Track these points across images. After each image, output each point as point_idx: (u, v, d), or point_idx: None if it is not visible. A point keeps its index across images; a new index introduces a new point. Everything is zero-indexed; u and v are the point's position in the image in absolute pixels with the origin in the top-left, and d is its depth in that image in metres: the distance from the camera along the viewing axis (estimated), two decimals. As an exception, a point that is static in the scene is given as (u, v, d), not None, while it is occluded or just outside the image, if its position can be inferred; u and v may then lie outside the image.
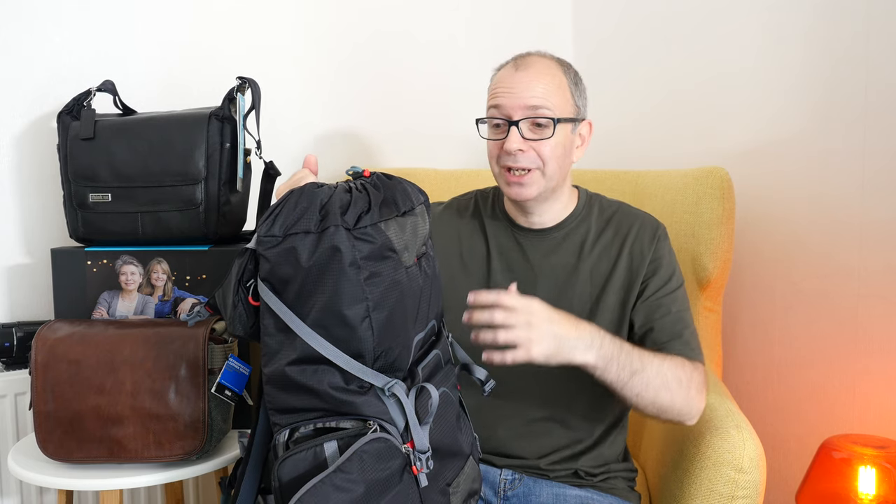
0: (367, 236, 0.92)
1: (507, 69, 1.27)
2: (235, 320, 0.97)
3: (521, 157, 1.23)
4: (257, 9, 1.87)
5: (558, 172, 1.26)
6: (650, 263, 1.27)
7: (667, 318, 1.24)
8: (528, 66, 1.25)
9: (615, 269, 1.27)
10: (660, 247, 1.29)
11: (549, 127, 1.23)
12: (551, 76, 1.25)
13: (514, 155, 1.23)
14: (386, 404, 0.94)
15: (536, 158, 1.23)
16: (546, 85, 1.24)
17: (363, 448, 0.90)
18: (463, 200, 1.42)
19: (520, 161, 1.23)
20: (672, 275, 1.28)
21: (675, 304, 1.26)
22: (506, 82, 1.25)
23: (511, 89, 1.23)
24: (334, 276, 0.90)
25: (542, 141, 1.23)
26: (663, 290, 1.26)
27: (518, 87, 1.23)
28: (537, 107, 1.22)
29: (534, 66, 1.25)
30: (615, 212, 1.33)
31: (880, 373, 1.58)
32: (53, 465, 1.29)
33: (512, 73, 1.25)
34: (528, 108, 1.22)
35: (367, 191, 0.96)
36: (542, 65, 1.26)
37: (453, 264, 1.32)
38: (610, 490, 1.27)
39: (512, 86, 1.24)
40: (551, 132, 1.23)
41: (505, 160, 1.25)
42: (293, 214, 0.92)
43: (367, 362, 0.93)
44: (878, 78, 1.55)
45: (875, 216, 1.57)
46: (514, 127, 1.23)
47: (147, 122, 1.44)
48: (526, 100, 1.22)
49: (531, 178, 1.24)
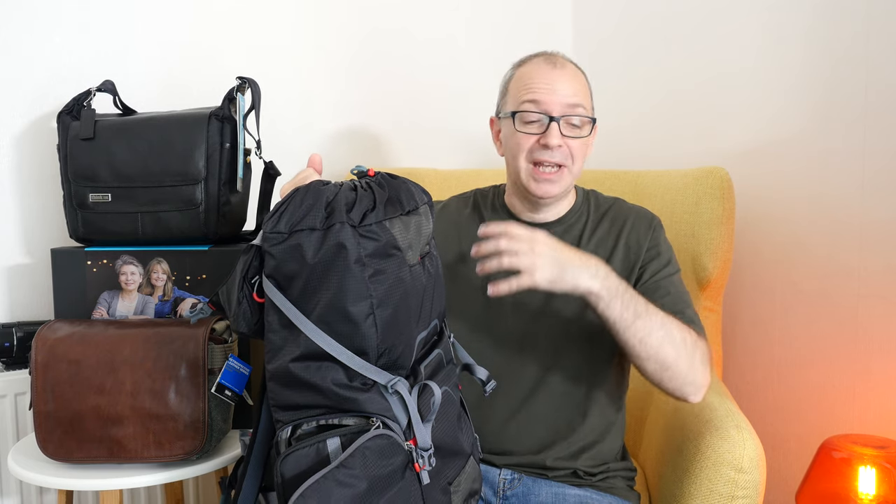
0: (372, 234, 0.92)
1: (540, 65, 1.28)
2: (239, 317, 0.97)
3: (557, 152, 1.25)
4: (257, 9, 1.87)
5: (579, 171, 1.29)
6: (647, 251, 1.29)
7: (668, 298, 1.25)
8: (563, 66, 1.28)
9: (611, 261, 1.28)
10: (656, 235, 1.30)
11: (584, 126, 1.27)
12: (581, 79, 1.30)
13: (553, 150, 1.24)
14: (389, 401, 0.94)
15: (569, 155, 1.26)
16: (580, 85, 1.28)
17: (366, 444, 0.90)
18: (462, 199, 1.43)
19: (556, 157, 1.25)
20: (669, 261, 1.29)
21: (673, 286, 1.27)
22: (543, 78, 1.26)
23: (550, 85, 1.25)
24: (339, 272, 0.91)
25: (577, 139, 1.26)
26: (662, 273, 1.27)
27: (558, 85, 1.25)
28: (577, 105, 1.25)
29: (568, 67, 1.29)
30: (611, 206, 1.35)
31: (880, 373, 1.58)
32: (53, 465, 1.29)
33: (549, 70, 1.27)
34: (569, 105, 1.25)
35: (372, 189, 0.96)
36: (573, 67, 1.31)
37: (453, 263, 1.33)
38: (609, 490, 1.27)
39: (550, 82, 1.26)
40: (588, 131, 1.27)
41: (540, 154, 1.25)
42: (299, 211, 0.92)
43: (370, 359, 0.93)
44: (878, 78, 1.55)
45: (875, 216, 1.57)
46: (555, 122, 1.24)
47: (147, 122, 1.44)
48: (566, 97, 1.25)
49: (560, 175, 1.26)
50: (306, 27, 1.94)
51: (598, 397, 1.28)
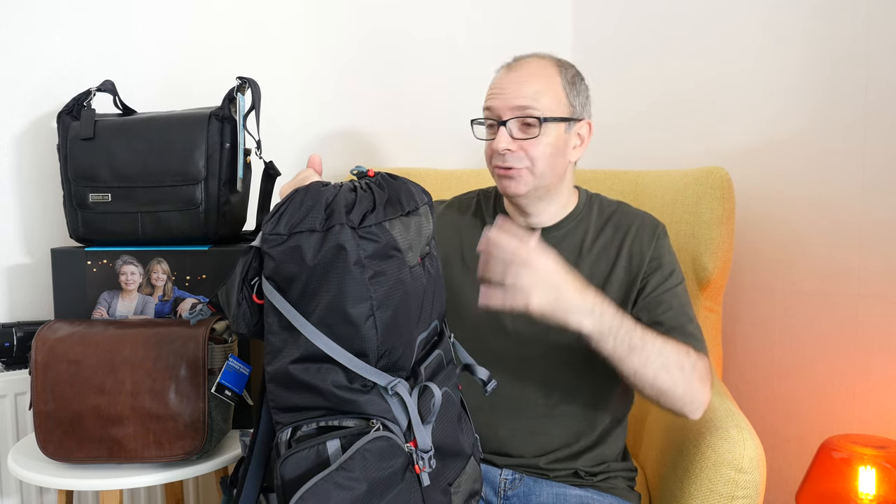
0: (371, 235, 0.92)
1: (502, 71, 1.30)
2: (239, 318, 0.97)
3: (509, 156, 1.24)
4: (257, 9, 1.87)
5: (550, 172, 1.26)
6: (650, 261, 1.27)
7: (669, 313, 1.24)
8: (520, 67, 1.27)
9: (614, 269, 1.27)
10: (659, 244, 1.29)
11: (536, 126, 1.24)
12: (543, 76, 1.26)
13: (503, 154, 1.24)
14: (389, 403, 0.94)
15: (524, 158, 1.24)
16: (535, 85, 1.25)
17: (366, 446, 0.89)
18: (465, 199, 1.42)
19: (508, 160, 1.24)
20: (673, 271, 1.28)
21: (676, 299, 1.26)
22: (498, 83, 1.27)
23: (502, 90, 1.25)
24: (339, 274, 0.90)
25: (530, 140, 1.24)
26: (664, 285, 1.26)
27: (508, 88, 1.25)
28: (525, 107, 1.23)
29: (526, 67, 1.27)
30: (614, 211, 1.33)
31: (880, 373, 1.58)
32: (53, 465, 1.29)
33: (504, 75, 1.28)
34: (515, 108, 1.24)
35: (371, 190, 0.96)
36: (536, 65, 1.27)
37: (454, 263, 1.33)
38: (610, 490, 1.27)
39: (503, 87, 1.26)
40: (538, 132, 1.24)
41: (496, 160, 1.26)
42: (298, 213, 0.92)
43: (370, 361, 0.93)
44: (878, 78, 1.55)
45: (875, 216, 1.57)
46: (503, 126, 1.24)
47: (147, 122, 1.44)
48: (514, 100, 1.24)
49: (520, 174, 1.25)
50: (306, 27, 1.94)
51: (601, 400, 1.28)
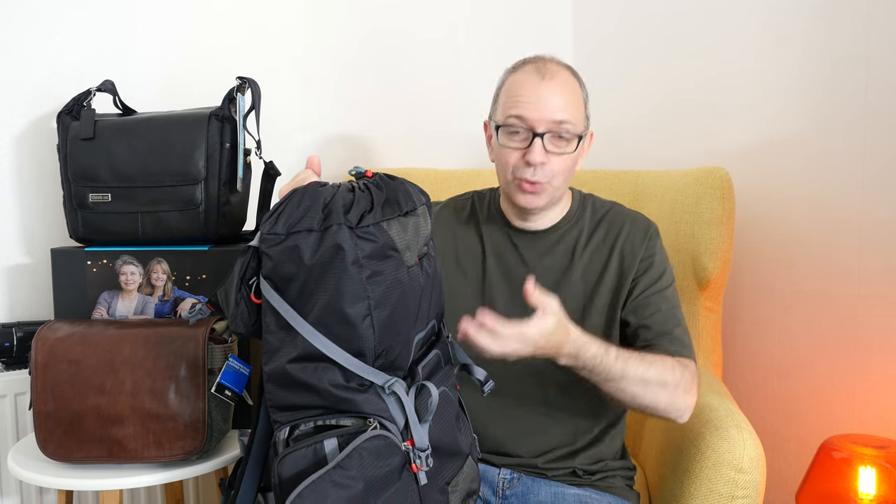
0: (369, 235, 0.92)
1: (530, 75, 1.24)
2: (237, 318, 0.98)
3: (539, 170, 1.22)
4: (257, 9, 1.87)
5: (563, 185, 1.27)
6: (641, 262, 1.27)
7: (657, 316, 1.24)
8: (552, 77, 1.23)
9: (606, 270, 1.27)
10: (651, 245, 1.29)
11: (571, 142, 1.23)
12: (573, 90, 1.25)
13: (535, 167, 1.22)
14: (386, 402, 0.94)
15: (551, 173, 1.23)
16: (569, 99, 1.23)
17: (363, 445, 0.90)
18: (460, 201, 1.42)
19: (537, 175, 1.22)
20: (663, 273, 1.28)
21: (665, 301, 1.26)
22: (531, 91, 1.22)
23: (537, 100, 1.21)
24: (336, 274, 0.91)
25: (559, 155, 1.23)
26: (653, 287, 1.26)
27: (544, 99, 1.21)
28: (563, 121, 1.21)
29: (558, 77, 1.24)
30: (607, 212, 1.33)
31: (880, 373, 1.58)
32: (53, 465, 1.29)
33: (537, 83, 1.23)
34: (553, 121, 1.21)
35: (369, 190, 0.96)
36: (564, 76, 1.25)
37: (449, 265, 1.32)
38: (608, 489, 1.27)
39: (538, 95, 1.21)
40: (574, 147, 1.23)
41: (522, 172, 1.23)
42: (296, 213, 0.92)
43: (367, 360, 0.93)
44: (878, 78, 1.55)
45: (875, 216, 1.57)
46: (538, 138, 1.21)
47: (147, 122, 1.44)
48: (552, 113, 1.21)
49: (544, 188, 1.24)
50: (306, 27, 1.94)
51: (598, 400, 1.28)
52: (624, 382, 1.15)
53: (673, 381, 1.17)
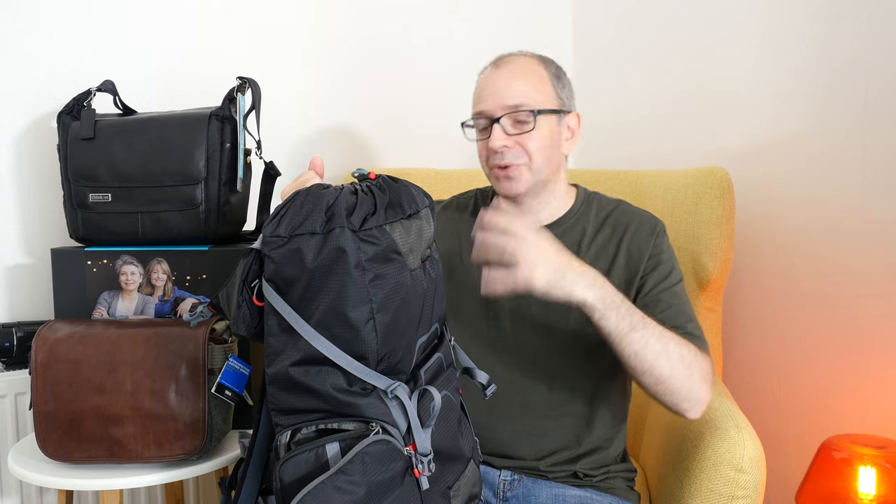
0: (372, 238, 0.92)
1: (488, 71, 1.30)
2: (239, 320, 0.97)
3: (507, 153, 1.24)
4: (258, 9, 1.87)
5: (546, 165, 1.27)
6: (649, 259, 1.27)
7: (668, 312, 1.23)
8: (506, 65, 1.28)
9: (613, 267, 1.27)
10: (658, 242, 1.28)
11: (530, 121, 1.24)
12: (530, 70, 1.27)
13: (501, 152, 1.24)
14: (388, 406, 0.94)
15: (522, 153, 1.25)
16: (524, 80, 1.26)
17: (365, 450, 0.89)
18: (463, 199, 1.42)
19: (506, 157, 1.24)
20: (671, 270, 1.27)
21: (675, 298, 1.25)
22: (486, 84, 1.28)
23: (493, 89, 1.26)
24: (339, 277, 0.90)
25: (525, 135, 1.24)
26: (663, 284, 1.25)
27: (497, 86, 1.26)
28: (517, 105, 1.24)
29: (512, 64, 1.28)
30: (613, 209, 1.33)
31: (880, 373, 1.58)
32: (53, 465, 1.29)
33: (491, 73, 1.28)
34: (508, 105, 1.24)
35: (372, 193, 0.96)
36: (521, 61, 1.28)
37: (453, 262, 1.32)
38: (609, 490, 1.27)
39: (492, 85, 1.26)
40: (532, 125, 1.24)
41: (493, 159, 1.26)
42: (299, 215, 0.91)
43: (370, 364, 0.93)
44: (878, 78, 1.55)
45: (875, 216, 1.57)
46: (497, 124, 1.24)
47: (147, 122, 1.44)
48: (506, 98, 1.24)
49: (518, 171, 1.25)
50: (307, 27, 1.94)
51: (601, 410, 1.28)
52: (647, 334, 1.11)
53: (690, 358, 1.15)
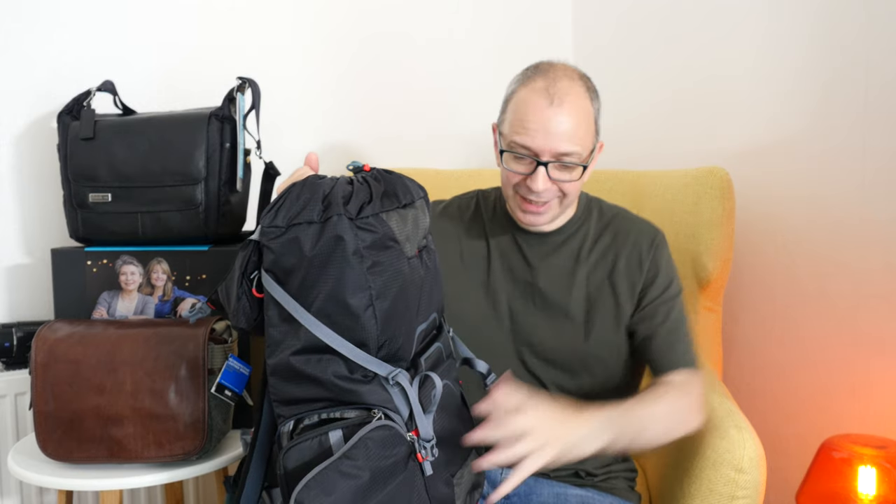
0: (369, 226, 0.93)
1: (538, 97, 1.18)
2: (239, 312, 0.98)
3: (543, 194, 1.21)
4: (258, 9, 1.87)
5: (571, 202, 1.27)
6: (648, 271, 1.27)
7: (665, 326, 1.24)
8: (561, 102, 1.17)
9: (612, 275, 1.27)
10: (658, 254, 1.28)
11: (576, 170, 1.20)
12: (582, 111, 1.19)
13: (538, 193, 1.20)
14: (390, 393, 0.94)
15: (557, 192, 1.22)
16: (577, 124, 1.18)
17: (368, 435, 0.90)
18: (464, 200, 1.42)
19: (541, 197, 1.21)
20: (670, 282, 1.28)
21: (672, 311, 1.25)
22: (537, 117, 1.17)
23: (543, 129, 1.17)
24: (338, 264, 0.91)
25: (567, 183, 1.21)
26: (661, 297, 1.26)
27: (551, 128, 1.17)
28: (568, 153, 1.18)
29: (566, 102, 1.17)
30: (613, 217, 1.33)
31: (880, 373, 1.58)
32: (53, 465, 1.29)
33: (544, 108, 1.17)
34: (559, 153, 1.18)
35: (368, 183, 0.97)
36: (575, 99, 1.19)
37: (454, 264, 1.33)
38: (610, 490, 1.27)
39: (544, 124, 1.17)
40: (579, 175, 1.21)
41: (525, 193, 1.22)
42: (296, 205, 0.92)
43: (370, 351, 0.94)
44: (878, 78, 1.55)
45: (875, 216, 1.57)
46: (542, 167, 1.18)
47: (147, 122, 1.44)
48: (558, 144, 1.17)
49: (548, 208, 1.23)
50: (306, 27, 1.94)
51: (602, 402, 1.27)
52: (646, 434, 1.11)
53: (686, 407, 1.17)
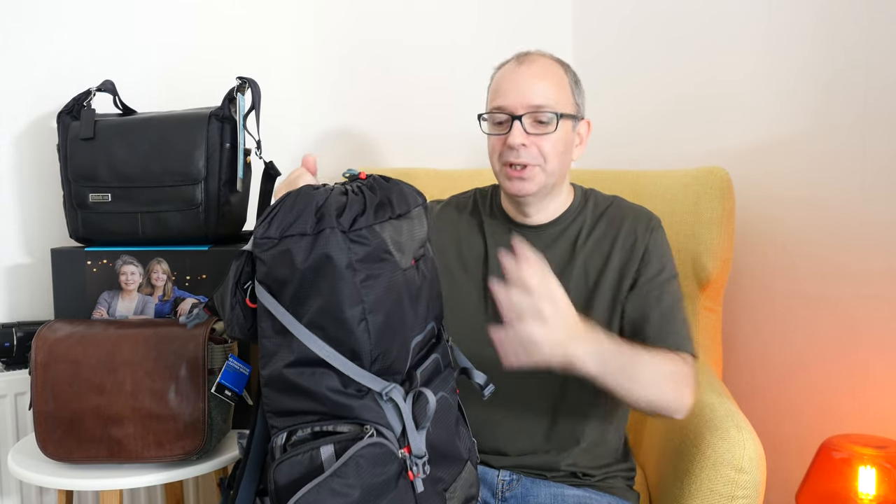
0: (362, 238, 0.92)
1: (510, 66, 1.29)
2: (233, 322, 0.97)
3: (523, 151, 1.24)
4: (258, 9, 1.87)
5: (559, 169, 1.27)
6: (644, 254, 1.27)
7: (657, 308, 1.24)
8: (531, 63, 1.27)
9: (608, 263, 1.27)
10: (653, 237, 1.28)
11: (551, 123, 1.24)
12: (553, 73, 1.27)
13: (517, 150, 1.23)
14: (383, 409, 0.94)
15: (538, 155, 1.24)
16: (548, 81, 1.26)
17: (359, 453, 0.89)
18: (462, 199, 1.42)
19: (522, 156, 1.24)
20: (664, 265, 1.27)
21: (666, 293, 1.25)
22: (509, 79, 1.27)
23: (515, 86, 1.25)
24: (330, 278, 0.90)
25: (544, 136, 1.24)
26: (655, 280, 1.26)
27: (522, 84, 1.25)
28: (541, 105, 1.24)
29: (536, 63, 1.27)
30: (609, 205, 1.33)
31: (880, 373, 1.58)
32: (53, 465, 1.29)
33: (515, 69, 1.27)
34: (531, 105, 1.24)
35: (363, 193, 0.96)
36: (545, 62, 1.28)
37: (452, 262, 1.33)
38: (608, 489, 1.27)
39: (516, 82, 1.25)
40: (554, 127, 1.24)
41: (507, 156, 1.25)
42: (289, 216, 0.92)
43: (364, 365, 0.93)
44: (878, 78, 1.55)
45: (875, 216, 1.57)
46: (518, 121, 1.23)
47: (147, 122, 1.44)
48: (529, 97, 1.24)
49: (532, 172, 1.25)
50: (306, 27, 1.94)
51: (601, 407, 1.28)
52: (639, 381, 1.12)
53: (677, 374, 1.16)
